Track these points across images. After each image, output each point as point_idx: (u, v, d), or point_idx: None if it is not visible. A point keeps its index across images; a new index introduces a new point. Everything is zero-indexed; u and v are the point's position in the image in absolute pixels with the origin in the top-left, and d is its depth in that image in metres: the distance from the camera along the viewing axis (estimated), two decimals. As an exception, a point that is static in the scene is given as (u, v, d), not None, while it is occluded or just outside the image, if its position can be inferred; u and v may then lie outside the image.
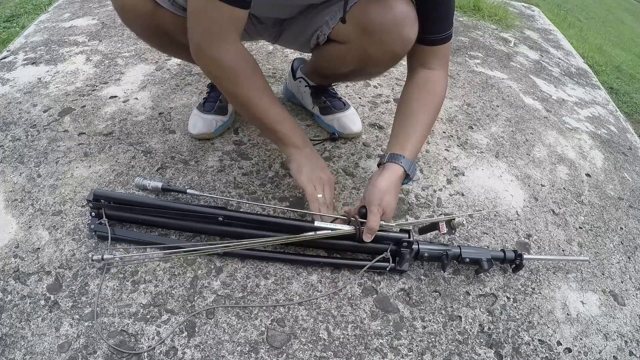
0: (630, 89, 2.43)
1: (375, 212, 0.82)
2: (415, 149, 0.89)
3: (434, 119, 0.94)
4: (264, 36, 1.11)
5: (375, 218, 0.82)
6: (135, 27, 0.94)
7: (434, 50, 0.90)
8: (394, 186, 0.85)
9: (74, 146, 1.12)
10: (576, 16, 4.11)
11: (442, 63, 0.93)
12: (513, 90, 1.66)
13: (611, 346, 0.85)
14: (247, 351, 0.74)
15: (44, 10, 2.04)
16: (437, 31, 0.88)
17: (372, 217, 0.82)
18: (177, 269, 0.85)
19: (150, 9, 0.87)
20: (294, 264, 0.88)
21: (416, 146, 0.89)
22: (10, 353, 0.71)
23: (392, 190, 0.84)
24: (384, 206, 0.83)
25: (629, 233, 1.13)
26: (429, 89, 0.92)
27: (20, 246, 0.87)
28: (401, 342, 0.79)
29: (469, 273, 0.93)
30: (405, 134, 0.90)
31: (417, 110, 0.91)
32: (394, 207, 0.86)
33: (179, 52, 1.12)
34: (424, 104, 0.91)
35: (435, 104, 0.93)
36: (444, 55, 0.93)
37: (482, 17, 2.33)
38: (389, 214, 0.84)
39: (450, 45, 0.93)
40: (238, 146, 1.16)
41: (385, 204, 0.83)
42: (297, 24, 1.02)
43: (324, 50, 1.02)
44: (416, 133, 0.89)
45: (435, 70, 0.93)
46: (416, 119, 0.90)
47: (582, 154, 1.39)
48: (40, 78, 1.38)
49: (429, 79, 0.93)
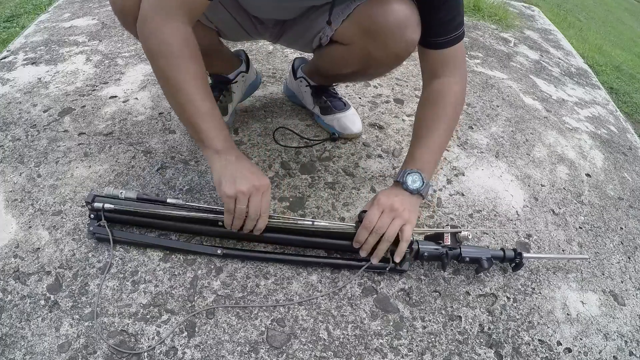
0: (630, 89, 2.43)
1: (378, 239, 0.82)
2: (427, 163, 0.87)
3: (449, 133, 0.91)
4: (264, 36, 1.11)
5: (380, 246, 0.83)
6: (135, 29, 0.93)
7: (441, 55, 0.87)
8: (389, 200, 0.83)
9: (74, 146, 1.12)
10: (576, 16, 4.11)
11: (452, 68, 0.89)
12: (513, 90, 1.66)
13: (611, 346, 0.85)
14: (247, 351, 0.74)
15: (44, 10, 2.04)
16: (442, 33, 0.85)
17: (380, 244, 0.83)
18: (177, 269, 0.85)
19: None
20: (294, 264, 0.88)
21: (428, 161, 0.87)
22: (10, 353, 0.71)
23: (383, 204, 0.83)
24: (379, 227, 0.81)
25: (629, 233, 1.13)
26: (438, 103, 0.89)
27: (20, 246, 0.87)
28: (401, 342, 0.79)
29: (469, 273, 0.93)
30: (413, 152, 0.89)
31: (428, 127, 0.89)
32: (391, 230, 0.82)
33: None
34: (433, 121, 0.89)
35: (446, 117, 0.89)
36: (454, 59, 0.88)
37: (482, 17, 2.33)
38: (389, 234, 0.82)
39: (461, 47, 0.88)
40: (238, 146, 1.16)
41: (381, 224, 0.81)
42: (299, 25, 1.02)
43: (326, 51, 1.02)
44: (429, 150, 0.87)
45: (445, 78, 0.89)
46: (427, 137, 0.88)
47: (582, 154, 1.39)
48: (40, 78, 1.38)
49: (439, 92, 0.89)
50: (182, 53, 0.76)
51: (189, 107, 0.78)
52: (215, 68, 1.15)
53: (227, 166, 0.79)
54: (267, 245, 0.90)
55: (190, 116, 0.79)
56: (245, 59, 1.24)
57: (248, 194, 0.77)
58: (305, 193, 1.05)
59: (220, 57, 1.14)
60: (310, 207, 1.02)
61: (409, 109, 1.41)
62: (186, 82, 0.77)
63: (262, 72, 1.49)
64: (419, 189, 0.84)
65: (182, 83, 0.77)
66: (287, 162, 1.13)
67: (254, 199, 0.78)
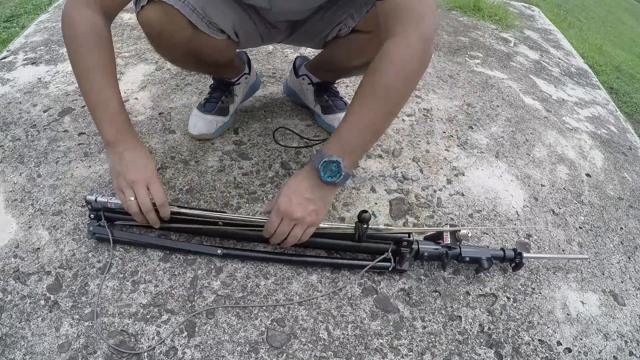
0: (630, 89, 2.43)
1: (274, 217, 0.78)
2: (352, 145, 0.76)
3: (389, 107, 0.75)
4: (276, 40, 1.10)
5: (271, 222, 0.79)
6: (169, 51, 0.94)
7: (392, 4, 0.70)
8: (300, 187, 0.78)
9: (74, 146, 1.12)
10: (576, 16, 4.11)
11: (405, 24, 0.70)
12: (513, 90, 1.66)
13: (611, 346, 0.85)
14: (247, 351, 0.74)
15: (44, 10, 2.04)
16: None
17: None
18: (177, 269, 0.85)
19: (189, 34, 0.87)
20: (294, 264, 0.88)
21: (353, 143, 0.76)
22: (10, 353, 0.71)
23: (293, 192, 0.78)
24: (282, 209, 0.77)
25: (629, 233, 1.13)
26: (378, 70, 0.72)
27: (20, 246, 0.87)
28: (401, 342, 0.79)
29: (469, 273, 0.93)
30: (339, 130, 0.77)
31: (361, 101, 0.75)
32: (291, 210, 0.76)
33: (200, 68, 1.13)
34: (369, 93, 0.74)
35: (385, 88, 0.73)
36: (408, 12, 0.70)
37: (482, 17, 2.33)
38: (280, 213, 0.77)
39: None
40: (238, 146, 1.16)
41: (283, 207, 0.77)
42: (312, 22, 1.01)
43: (342, 41, 1.00)
44: (356, 129, 0.75)
45: (395, 38, 0.71)
46: (358, 112, 0.75)
47: (582, 154, 1.39)
48: (40, 78, 1.38)
49: (382, 55, 0.72)
50: (86, 40, 0.76)
51: (87, 97, 0.79)
52: (227, 75, 1.16)
53: (116, 160, 0.80)
54: (267, 245, 0.90)
55: (89, 106, 0.80)
56: (246, 60, 1.24)
57: (132, 188, 0.77)
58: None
59: (233, 65, 1.15)
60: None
61: (409, 109, 1.41)
62: (86, 71, 0.78)
63: (262, 72, 1.49)
64: (334, 180, 0.76)
65: (82, 72, 0.78)
66: (287, 162, 1.13)
67: (140, 192, 0.78)
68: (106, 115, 0.79)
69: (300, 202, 0.77)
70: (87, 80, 0.78)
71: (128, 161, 0.79)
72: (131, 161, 0.79)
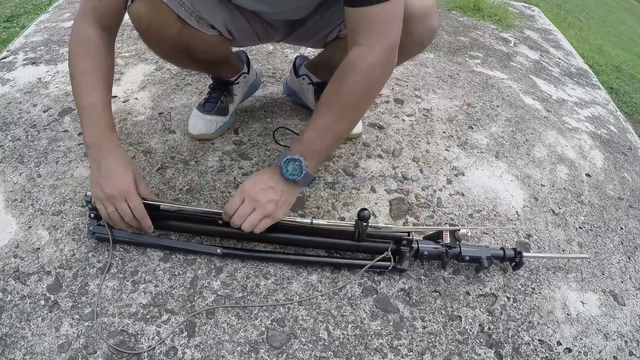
0: (630, 89, 2.43)
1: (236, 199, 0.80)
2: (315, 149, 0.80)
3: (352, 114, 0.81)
4: (274, 39, 1.10)
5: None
6: (159, 46, 0.94)
7: (361, 14, 0.72)
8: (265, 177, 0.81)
9: (74, 146, 1.12)
10: (576, 16, 4.11)
11: (373, 34, 0.74)
12: (513, 90, 1.66)
13: (611, 346, 0.85)
14: (247, 351, 0.74)
15: (44, 10, 2.04)
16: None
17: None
18: (177, 269, 0.85)
19: (178, 29, 0.87)
20: (294, 264, 0.88)
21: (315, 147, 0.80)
22: (10, 353, 0.71)
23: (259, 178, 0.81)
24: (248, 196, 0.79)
25: (629, 233, 1.13)
26: (344, 78, 0.77)
27: (20, 246, 0.87)
28: (401, 342, 0.79)
29: (469, 273, 0.93)
30: (304, 133, 0.81)
31: (325, 106, 0.80)
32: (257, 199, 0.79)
33: (194, 65, 1.13)
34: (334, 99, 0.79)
35: (350, 95, 0.77)
36: (376, 23, 0.73)
37: (482, 17, 2.33)
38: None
39: (389, 8, 0.72)
40: (238, 146, 1.16)
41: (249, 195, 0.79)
42: (312, 22, 1.01)
43: (341, 42, 0.99)
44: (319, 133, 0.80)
45: (362, 47, 0.74)
46: (323, 117, 0.80)
47: (582, 154, 1.39)
48: (40, 78, 1.38)
49: (350, 63, 0.76)
50: (78, 49, 0.83)
51: (75, 101, 0.83)
52: (223, 73, 1.16)
53: (94, 167, 0.81)
54: (267, 245, 0.90)
55: (77, 110, 0.83)
56: (245, 59, 1.24)
57: (111, 200, 0.78)
58: (305, 193, 1.05)
59: (229, 63, 1.15)
60: (310, 207, 1.02)
61: (409, 109, 1.41)
62: (74, 77, 0.83)
63: (262, 72, 1.49)
64: (295, 179, 0.79)
65: (72, 78, 0.83)
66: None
67: (120, 206, 0.78)
68: (88, 119, 0.81)
69: (264, 189, 0.80)
70: (75, 86, 0.83)
71: (105, 171, 0.79)
72: (108, 172, 0.79)
